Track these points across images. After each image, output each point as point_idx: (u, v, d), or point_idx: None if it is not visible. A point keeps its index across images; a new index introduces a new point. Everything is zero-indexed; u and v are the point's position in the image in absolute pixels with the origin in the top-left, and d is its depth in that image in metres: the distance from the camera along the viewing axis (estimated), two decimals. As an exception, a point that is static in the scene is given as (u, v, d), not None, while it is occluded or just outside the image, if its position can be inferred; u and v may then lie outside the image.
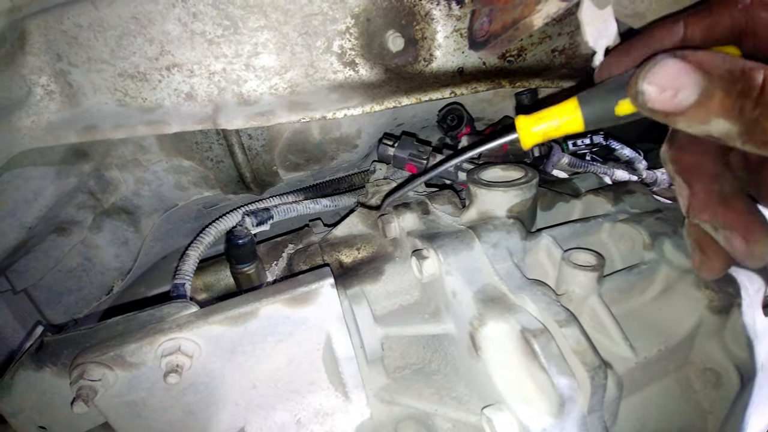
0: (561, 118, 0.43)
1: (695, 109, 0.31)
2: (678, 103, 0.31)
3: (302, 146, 0.84)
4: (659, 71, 0.31)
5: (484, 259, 0.58)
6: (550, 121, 0.43)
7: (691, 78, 0.30)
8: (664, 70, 0.31)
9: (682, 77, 0.30)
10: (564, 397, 0.45)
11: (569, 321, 0.48)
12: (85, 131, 0.67)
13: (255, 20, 0.68)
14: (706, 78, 0.30)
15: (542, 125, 0.44)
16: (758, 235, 0.39)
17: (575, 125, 0.42)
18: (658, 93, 0.31)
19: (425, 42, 0.77)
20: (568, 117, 0.42)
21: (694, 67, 0.30)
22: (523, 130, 0.45)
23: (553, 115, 0.43)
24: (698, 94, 0.30)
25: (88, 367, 0.51)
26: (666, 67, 0.31)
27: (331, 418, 0.65)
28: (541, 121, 0.44)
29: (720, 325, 0.56)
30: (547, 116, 0.44)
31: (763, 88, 0.29)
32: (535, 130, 0.45)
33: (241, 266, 0.75)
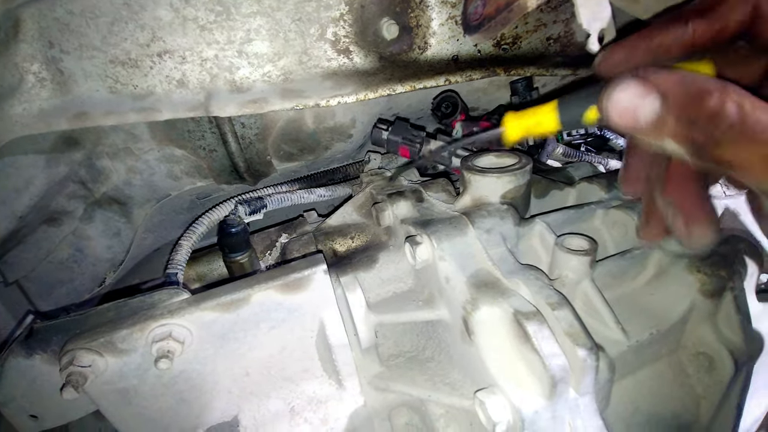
0: (540, 118, 0.46)
1: (650, 130, 0.33)
2: (636, 123, 0.33)
3: (296, 135, 0.84)
4: (620, 93, 0.33)
5: (478, 244, 0.58)
6: (532, 117, 0.47)
7: (647, 101, 0.32)
8: (624, 92, 0.33)
9: (640, 100, 0.32)
10: (556, 378, 0.45)
11: (562, 304, 0.48)
12: (76, 118, 0.66)
13: (248, 6, 0.67)
14: (661, 102, 0.32)
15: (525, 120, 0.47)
16: (700, 221, 0.42)
17: (551, 126, 0.45)
18: (618, 114, 0.34)
19: (420, 29, 0.76)
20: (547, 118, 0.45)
21: (651, 90, 0.32)
22: (509, 124, 0.48)
23: (535, 113, 0.46)
24: (653, 118, 0.32)
25: (77, 353, 0.50)
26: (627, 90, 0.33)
27: (325, 405, 0.64)
28: (524, 117, 0.47)
29: (712, 309, 0.56)
30: (528, 115, 0.47)
31: (714, 115, 0.30)
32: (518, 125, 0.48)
33: (234, 255, 0.74)
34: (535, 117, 0.46)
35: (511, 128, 0.48)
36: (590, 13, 0.51)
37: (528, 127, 0.47)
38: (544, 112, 0.45)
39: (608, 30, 0.53)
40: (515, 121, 0.48)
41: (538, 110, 0.46)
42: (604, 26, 0.52)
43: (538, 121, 0.46)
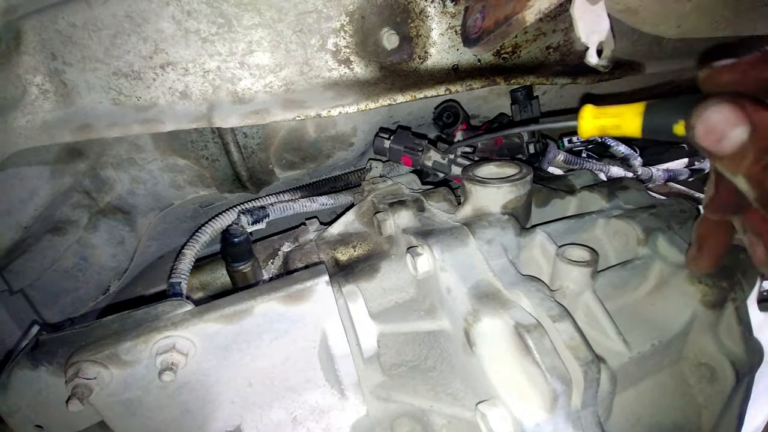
0: (622, 119, 0.44)
1: (729, 159, 0.33)
2: (718, 148, 0.33)
3: (298, 144, 0.84)
4: (712, 115, 0.32)
5: (479, 255, 0.58)
6: (612, 117, 0.44)
7: (737, 130, 0.32)
8: (716, 115, 0.32)
9: (729, 127, 0.32)
10: (557, 391, 0.45)
11: (563, 316, 0.48)
12: (80, 130, 0.67)
13: (249, 18, 0.68)
14: (749, 135, 0.31)
15: (603, 119, 0.45)
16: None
17: (632, 129, 0.43)
18: (704, 133, 0.33)
19: (420, 39, 0.77)
20: (631, 121, 0.43)
21: (744, 120, 0.31)
22: (585, 119, 0.46)
23: (617, 113, 0.44)
24: (735, 148, 0.32)
25: (83, 365, 0.51)
26: (719, 113, 0.32)
27: (327, 415, 0.65)
28: (603, 116, 0.45)
29: (714, 320, 0.56)
30: (610, 113, 0.45)
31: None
32: (595, 121, 0.46)
33: (237, 264, 0.75)
34: (616, 119, 0.44)
35: (587, 122, 0.46)
36: (589, 26, 0.51)
37: (606, 125, 0.45)
38: (629, 113, 0.43)
39: (607, 42, 0.54)
40: (593, 115, 0.46)
41: (623, 110, 0.44)
42: (602, 38, 0.53)
43: (618, 124, 0.44)
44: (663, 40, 0.87)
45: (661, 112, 0.41)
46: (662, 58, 0.91)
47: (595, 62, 0.55)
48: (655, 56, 0.89)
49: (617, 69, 0.84)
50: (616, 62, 0.84)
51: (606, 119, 0.45)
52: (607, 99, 1.02)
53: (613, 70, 0.84)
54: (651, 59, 0.89)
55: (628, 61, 0.86)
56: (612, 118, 0.44)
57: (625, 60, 0.86)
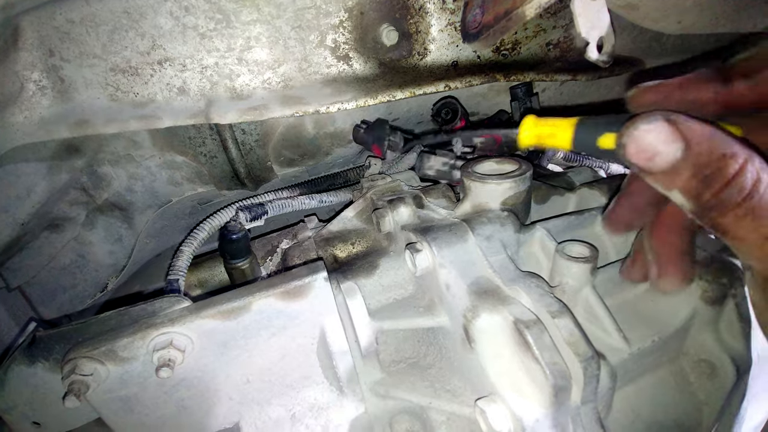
0: (556, 131, 0.45)
1: (662, 175, 0.32)
2: (650, 165, 0.32)
3: (296, 141, 0.84)
4: (643, 134, 0.32)
5: (478, 251, 0.58)
6: (549, 128, 0.46)
7: (669, 148, 0.31)
8: (650, 131, 0.32)
9: (662, 144, 0.31)
10: (557, 387, 0.45)
11: (562, 312, 0.48)
12: (77, 126, 0.66)
13: (247, 14, 0.68)
14: (682, 151, 0.31)
15: (540, 129, 0.47)
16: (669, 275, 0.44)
17: (564, 142, 0.45)
18: (636, 151, 0.32)
19: (419, 36, 0.76)
20: (562, 133, 0.45)
21: (677, 137, 0.31)
22: (524, 129, 0.48)
23: (553, 125, 0.46)
24: (669, 165, 0.31)
25: (79, 361, 0.50)
26: (653, 128, 0.32)
27: (326, 412, 0.64)
28: (540, 127, 0.47)
29: (714, 316, 0.56)
30: (547, 125, 0.46)
31: (729, 182, 0.30)
32: (534, 131, 0.47)
33: (235, 261, 0.74)
34: (552, 129, 0.45)
35: (526, 133, 0.48)
36: (589, 22, 0.51)
37: (542, 136, 0.47)
38: (561, 126, 0.45)
39: (607, 38, 0.53)
40: (532, 127, 0.47)
41: (557, 123, 0.45)
42: (603, 34, 0.52)
43: (553, 134, 0.45)
44: (663, 36, 0.87)
45: (589, 126, 0.42)
46: (663, 54, 0.90)
47: (596, 58, 0.54)
48: (655, 52, 0.89)
49: (617, 65, 0.84)
50: (616, 59, 0.84)
51: (543, 128, 0.46)
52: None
53: (613, 67, 0.84)
54: (651, 55, 0.88)
55: (629, 57, 0.86)
56: (548, 129, 0.46)
57: (626, 56, 0.86)
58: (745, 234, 0.30)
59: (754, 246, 0.30)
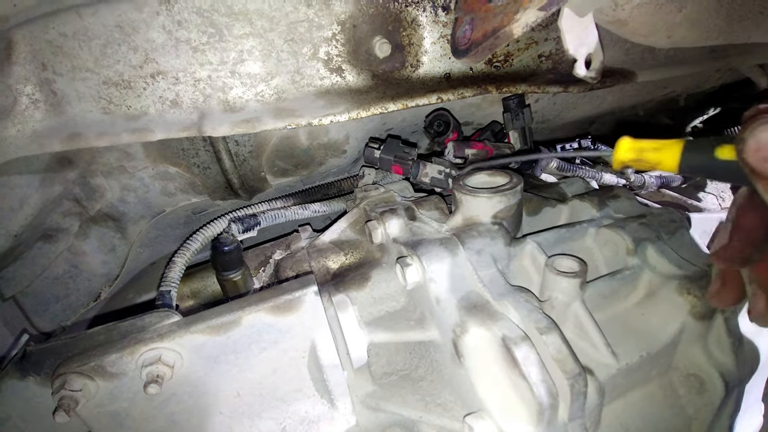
0: (662, 147, 0.43)
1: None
2: (764, 167, 0.31)
3: (290, 152, 0.84)
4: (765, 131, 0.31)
5: (468, 266, 0.58)
6: (652, 145, 0.44)
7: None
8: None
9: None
10: (544, 405, 0.45)
11: (550, 328, 0.48)
12: (70, 139, 0.67)
13: (240, 27, 0.68)
14: None
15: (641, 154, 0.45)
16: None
17: (670, 160, 0.43)
18: (755, 147, 0.31)
19: (412, 48, 0.77)
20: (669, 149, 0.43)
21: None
22: (620, 150, 0.46)
23: (656, 147, 0.44)
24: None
25: (69, 377, 0.50)
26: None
27: (317, 425, 0.64)
28: (642, 151, 0.45)
29: (703, 331, 0.56)
30: (648, 146, 0.44)
31: None
32: (631, 155, 0.45)
33: (228, 273, 0.75)
34: (656, 145, 0.43)
35: (622, 152, 0.46)
36: (577, 39, 0.51)
37: (644, 150, 0.44)
38: (667, 144, 0.43)
39: (595, 54, 0.54)
40: (630, 146, 0.45)
41: (662, 145, 0.43)
42: (591, 51, 0.53)
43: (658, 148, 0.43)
44: (655, 48, 0.88)
45: (702, 143, 0.41)
46: (655, 66, 0.91)
47: (584, 74, 0.55)
48: (647, 65, 0.90)
49: (609, 77, 0.84)
50: (607, 71, 0.84)
51: (644, 144, 0.44)
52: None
53: (605, 79, 0.84)
54: (643, 68, 0.89)
55: (620, 69, 0.87)
56: (652, 144, 0.44)
57: (617, 68, 0.87)
58: None
59: None
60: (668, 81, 1.05)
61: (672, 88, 1.16)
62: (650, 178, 1.22)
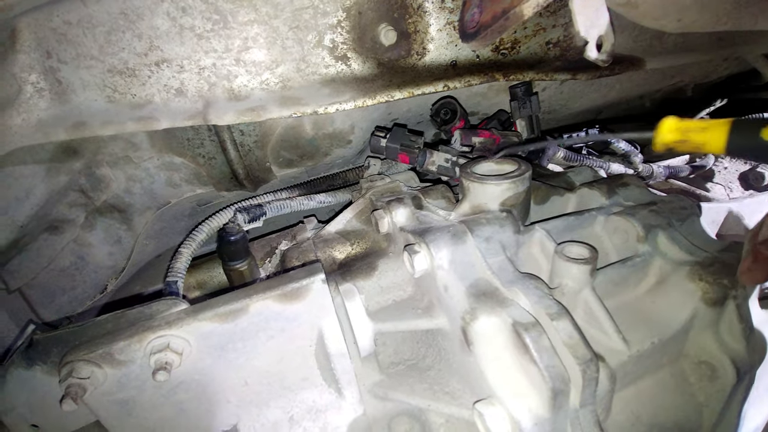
0: (708, 127, 0.42)
1: None
2: None
3: (295, 142, 0.84)
4: None
5: (477, 253, 0.57)
6: (697, 125, 0.43)
7: None
8: None
9: None
10: (555, 390, 0.44)
11: (561, 314, 0.48)
12: (74, 128, 0.66)
13: (245, 14, 0.67)
14: None
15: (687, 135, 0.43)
16: None
17: (716, 141, 0.42)
18: None
19: (418, 35, 0.76)
20: (715, 130, 0.41)
21: None
22: (664, 129, 0.45)
23: (702, 128, 0.42)
24: None
25: (76, 365, 0.50)
26: None
27: (324, 414, 0.64)
28: (687, 131, 0.43)
29: (715, 318, 0.56)
30: (693, 126, 0.43)
31: None
32: (675, 135, 0.44)
33: (233, 263, 0.74)
34: (702, 125, 0.42)
35: (666, 131, 0.45)
36: (588, 20, 0.50)
37: (690, 130, 0.43)
38: (713, 124, 0.41)
39: (607, 36, 0.53)
40: (673, 127, 0.44)
41: (705, 124, 0.42)
42: (602, 33, 0.52)
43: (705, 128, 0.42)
44: (664, 35, 0.87)
45: (749, 123, 0.39)
46: (663, 53, 0.90)
47: (595, 57, 0.54)
48: (656, 51, 0.88)
49: (618, 64, 0.83)
50: (616, 57, 0.83)
51: (690, 125, 0.43)
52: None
53: (614, 66, 0.83)
54: (652, 55, 0.88)
55: (629, 56, 0.86)
56: (697, 124, 0.42)
57: (626, 55, 0.86)
58: None
59: None
60: (676, 70, 1.03)
61: (680, 78, 1.14)
62: (658, 168, 1.21)
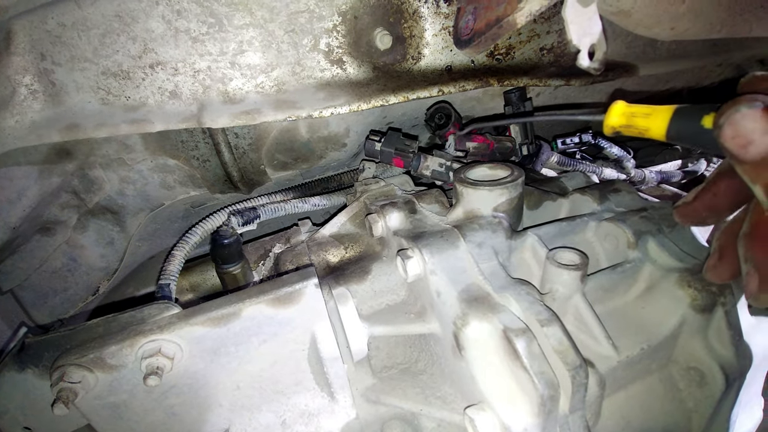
0: (652, 113, 0.43)
1: (750, 166, 0.31)
2: (742, 153, 0.31)
3: (290, 145, 0.84)
4: (741, 118, 0.30)
5: (469, 258, 0.58)
6: (643, 110, 0.44)
7: (765, 138, 0.30)
8: (746, 119, 0.30)
9: (758, 133, 0.30)
10: (545, 396, 0.45)
11: (551, 320, 0.48)
12: (68, 130, 0.66)
13: (240, 18, 0.67)
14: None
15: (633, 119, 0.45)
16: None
17: (658, 126, 0.43)
18: (731, 136, 0.31)
19: (413, 40, 0.76)
20: (658, 115, 0.43)
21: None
22: (613, 114, 0.46)
23: (645, 113, 0.44)
24: (761, 157, 0.30)
25: (67, 369, 0.50)
26: (749, 117, 0.30)
27: (317, 418, 0.64)
28: (633, 115, 0.45)
29: (703, 324, 0.56)
30: (638, 111, 0.44)
31: None
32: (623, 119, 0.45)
33: (227, 266, 0.74)
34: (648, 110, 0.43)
35: (616, 116, 0.46)
36: (581, 29, 0.51)
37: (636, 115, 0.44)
38: (658, 110, 0.43)
39: (599, 45, 0.53)
40: (623, 108, 0.45)
41: (654, 110, 0.43)
42: (594, 41, 0.52)
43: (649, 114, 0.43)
44: (657, 41, 0.87)
45: (691, 111, 0.40)
46: (656, 60, 0.91)
47: (587, 65, 0.54)
48: (649, 58, 0.89)
49: (611, 71, 0.84)
50: (609, 64, 0.84)
51: (636, 109, 0.44)
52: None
53: (607, 72, 0.84)
54: (645, 61, 0.88)
55: (622, 62, 0.86)
56: (643, 109, 0.44)
57: (619, 62, 0.86)
58: None
59: None
60: (670, 75, 1.04)
61: (673, 83, 1.15)
62: (650, 173, 1.22)
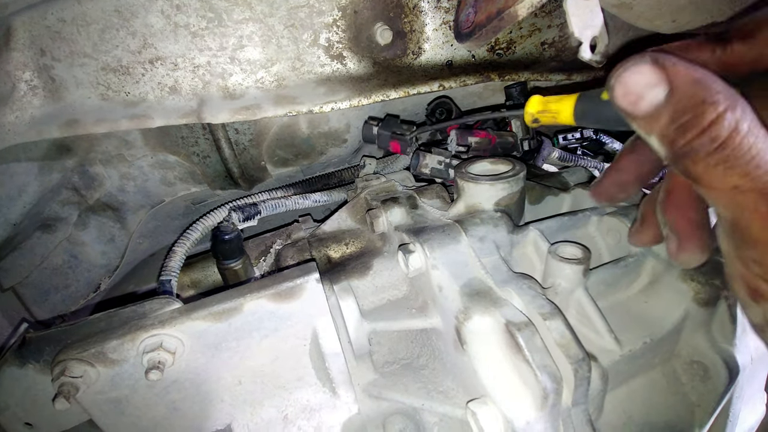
0: (560, 101, 0.47)
1: (643, 120, 0.32)
2: (633, 110, 0.32)
3: (290, 141, 0.84)
4: (630, 76, 0.31)
5: (471, 252, 0.57)
6: (553, 102, 0.48)
7: (653, 91, 0.30)
8: (635, 75, 0.31)
9: (646, 87, 0.30)
10: (548, 390, 0.44)
11: (554, 314, 0.48)
12: (67, 126, 0.66)
13: (240, 12, 0.67)
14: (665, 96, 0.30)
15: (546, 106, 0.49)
16: (690, 248, 0.42)
17: (566, 113, 0.47)
18: (622, 95, 0.31)
19: (414, 35, 0.76)
20: (565, 103, 0.46)
21: (662, 81, 0.30)
22: (531, 104, 0.50)
23: (556, 99, 0.47)
24: (651, 109, 0.31)
25: (69, 363, 0.50)
26: (638, 72, 0.31)
27: (319, 413, 0.64)
28: (546, 100, 0.49)
29: (707, 318, 0.56)
30: (552, 99, 0.48)
31: (703, 130, 0.29)
32: (537, 104, 0.50)
33: (228, 262, 0.74)
34: (557, 100, 0.47)
35: (533, 105, 0.50)
36: (582, 22, 0.50)
37: (547, 109, 0.48)
38: (565, 97, 0.47)
39: (601, 37, 0.53)
40: (537, 103, 0.49)
41: (559, 98, 0.47)
42: (596, 34, 0.52)
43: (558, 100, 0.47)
44: (659, 35, 0.87)
45: (592, 92, 0.44)
46: (658, 54, 0.90)
47: (589, 57, 0.54)
48: (650, 52, 0.89)
49: (612, 65, 0.83)
50: (610, 58, 0.83)
51: (549, 105, 0.48)
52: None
53: (608, 66, 0.83)
54: (646, 55, 0.88)
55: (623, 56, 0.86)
56: (554, 101, 0.48)
57: (621, 56, 0.86)
58: (715, 183, 0.30)
59: (723, 195, 0.30)
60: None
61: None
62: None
